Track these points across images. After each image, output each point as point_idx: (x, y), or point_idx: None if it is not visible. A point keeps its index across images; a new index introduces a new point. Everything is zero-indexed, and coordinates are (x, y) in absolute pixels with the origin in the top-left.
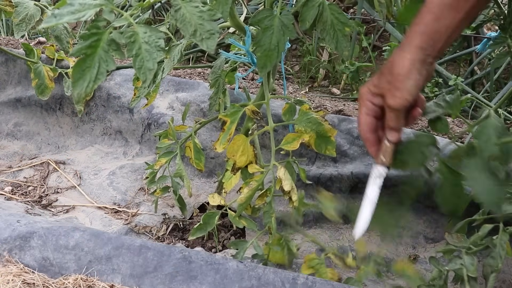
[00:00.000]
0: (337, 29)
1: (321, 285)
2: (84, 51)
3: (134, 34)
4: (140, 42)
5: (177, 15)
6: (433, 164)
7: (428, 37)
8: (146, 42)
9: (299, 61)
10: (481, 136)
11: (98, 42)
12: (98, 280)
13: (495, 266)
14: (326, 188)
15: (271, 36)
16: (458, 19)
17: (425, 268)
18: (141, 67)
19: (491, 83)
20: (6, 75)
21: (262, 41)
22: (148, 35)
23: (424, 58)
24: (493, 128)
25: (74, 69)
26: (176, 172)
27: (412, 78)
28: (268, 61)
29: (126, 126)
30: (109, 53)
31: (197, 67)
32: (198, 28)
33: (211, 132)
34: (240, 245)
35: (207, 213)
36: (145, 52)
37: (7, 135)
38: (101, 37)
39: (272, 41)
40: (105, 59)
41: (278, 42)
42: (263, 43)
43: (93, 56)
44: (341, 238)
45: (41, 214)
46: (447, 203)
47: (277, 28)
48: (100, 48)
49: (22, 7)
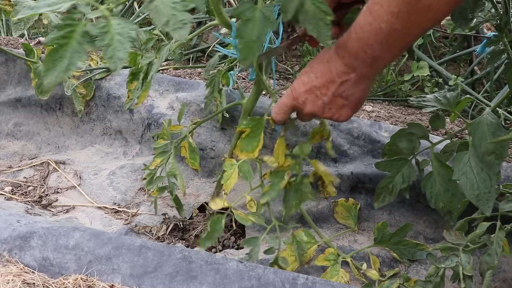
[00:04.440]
0: (318, 18)
1: (321, 285)
2: (57, 41)
3: (107, 25)
4: (113, 32)
5: (150, 5)
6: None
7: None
8: (118, 33)
9: (299, 61)
10: (475, 132)
11: (72, 33)
12: (98, 280)
13: (491, 263)
14: None
15: (252, 28)
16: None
17: (424, 268)
18: (112, 56)
19: (491, 83)
20: (6, 75)
21: (243, 33)
22: (121, 27)
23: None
24: (488, 124)
25: (46, 58)
26: (169, 171)
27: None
28: (249, 53)
29: (126, 126)
30: (82, 45)
31: (197, 67)
32: (171, 18)
33: (211, 132)
34: (253, 242)
35: (213, 219)
36: (117, 42)
37: (7, 135)
38: (75, 29)
39: (254, 33)
40: (78, 50)
41: (260, 34)
42: (244, 35)
43: (66, 47)
44: (341, 238)
45: (41, 214)
46: (440, 199)
47: (258, 20)
48: (74, 40)
49: (21, 6)
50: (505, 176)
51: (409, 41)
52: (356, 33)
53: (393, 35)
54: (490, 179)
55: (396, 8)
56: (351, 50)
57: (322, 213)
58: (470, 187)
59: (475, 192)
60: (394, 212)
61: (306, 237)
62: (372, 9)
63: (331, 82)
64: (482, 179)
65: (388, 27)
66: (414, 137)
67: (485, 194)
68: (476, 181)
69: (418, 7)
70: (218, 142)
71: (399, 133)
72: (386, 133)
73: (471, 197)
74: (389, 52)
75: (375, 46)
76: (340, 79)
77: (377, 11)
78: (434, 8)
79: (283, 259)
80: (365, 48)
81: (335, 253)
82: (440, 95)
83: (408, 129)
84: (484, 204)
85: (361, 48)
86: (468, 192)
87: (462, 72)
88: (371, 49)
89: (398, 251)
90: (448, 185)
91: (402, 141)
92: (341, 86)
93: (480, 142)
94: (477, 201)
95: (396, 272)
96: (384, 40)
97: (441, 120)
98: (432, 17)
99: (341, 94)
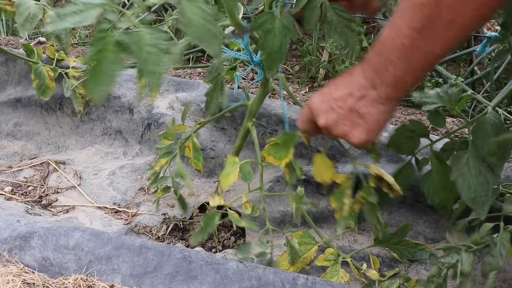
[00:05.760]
0: (343, 26)
1: (321, 285)
2: (96, 57)
3: (139, 35)
4: (144, 43)
5: (184, 19)
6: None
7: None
8: (151, 45)
9: (299, 61)
10: (478, 132)
11: (106, 45)
12: (98, 280)
13: (496, 264)
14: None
15: (273, 39)
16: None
17: (424, 268)
18: (147, 71)
19: (491, 83)
20: (6, 75)
21: (265, 44)
22: (154, 37)
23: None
24: (491, 124)
25: (91, 76)
26: (177, 172)
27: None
28: (273, 63)
29: (126, 126)
30: (117, 55)
31: (197, 67)
32: (205, 33)
33: (211, 132)
34: (245, 249)
35: (207, 214)
36: (150, 55)
37: (7, 135)
38: (108, 41)
39: (275, 44)
40: (114, 61)
41: (281, 44)
42: (266, 46)
43: (104, 61)
44: (341, 238)
45: (41, 214)
46: (436, 196)
47: (278, 31)
48: (109, 52)
49: (24, 7)
50: (505, 176)
51: (431, 61)
52: (378, 46)
53: (415, 53)
54: (488, 183)
55: (418, 23)
56: (373, 65)
57: (322, 213)
58: (467, 189)
59: (472, 195)
60: (394, 212)
61: (301, 241)
62: (394, 23)
63: (349, 95)
64: (480, 182)
65: (410, 43)
66: (414, 134)
67: (481, 197)
68: (473, 184)
69: (440, 23)
70: (218, 142)
71: (402, 128)
72: (386, 133)
73: (467, 199)
74: (411, 73)
75: (396, 63)
76: (359, 93)
77: (399, 25)
78: (457, 24)
79: (276, 264)
80: (387, 64)
81: (335, 253)
82: (442, 91)
83: (410, 126)
84: (480, 207)
85: (382, 63)
86: (464, 194)
87: (462, 72)
88: (392, 66)
89: (398, 251)
90: (446, 182)
91: (404, 139)
92: (359, 101)
93: (482, 142)
94: (473, 203)
95: (396, 272)
96: (405, 57)
97: (441, 117)
98: (456, 34)
99: (358, 110)
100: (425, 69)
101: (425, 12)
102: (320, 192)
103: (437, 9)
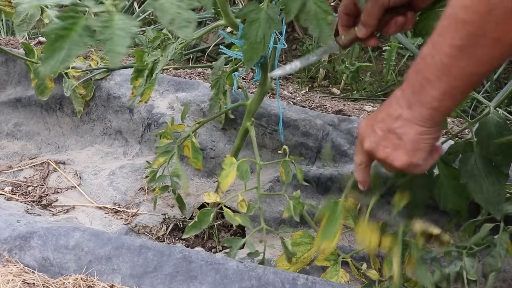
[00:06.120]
0: (320, 18)
1: (321, 285)
2: (58, 32)
3: (110, 20)
4: (115, 27)
5: (155, 4)
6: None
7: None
8: (120, 28)
9: None
10: (481, 133)
11: (73, 25)
12: (98, 280)
13: (495, 265)
14: (326, 188)
15: (257, 29)
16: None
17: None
18: (112, 50)
19: (491, 83)
20: (6, 75)
21: (248, 34)
22: (124, 22)
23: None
24: (494, 124)
25: (45, 47)
26: (173, 171)
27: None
28: (254, 54)
29: (126, 126)
30: (82, 38)
31: (197, 67)
32: (176, 16)
33: (211, 132)
34: (234, 243)
35: (203, 210)
36: (118, 37)
37: (7, 135)
38: (77, 21)
39: (258, 34)
40: (77, 43)
41: (264, 35)
42: (249, 36)
43: (65, 38)
44: (341, 238)
45: (41, 214)
46: (448, 201)
47: (263, 21)
48: (74, 32)
49: (22, 8)
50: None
51: (472, 81)
52: (418, 64)
53: (456, 73)
54: (499, 182)
55: (460, 41)
56: (411, 83)
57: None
58: (479, 190)
59: (485, 196)
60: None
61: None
62: (434, 41)
63: (388, 115)
64: (491, 182)
65: (450, 62)
66: None
67: (494, 197)
68: (485, 185)
69: (485, 41)
70: (218, 142)
71: None
72: None
73: (481, 201)
74: (449, 94)
75: (434, 82)
76: (396, 113)
77: (439, 43)
78: (504, 42)
79: (268, 263)
80: (424, 83)
81: (335, 253)
82: None
83: None
84: (495, 207)
85: (420, 82)
86: (477, 196)
87: None
88: (430, 85)
89: None
90: (456, 186)
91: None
92: (395, 122)
93: (487, 142)
94: (487, 204)
95: None
96: (445, 77)
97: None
98: (502, 52)
99: (395, 130)
100: (464, 91)
101: (469, 30)
102: (320, 192)
103: (482, 26)
